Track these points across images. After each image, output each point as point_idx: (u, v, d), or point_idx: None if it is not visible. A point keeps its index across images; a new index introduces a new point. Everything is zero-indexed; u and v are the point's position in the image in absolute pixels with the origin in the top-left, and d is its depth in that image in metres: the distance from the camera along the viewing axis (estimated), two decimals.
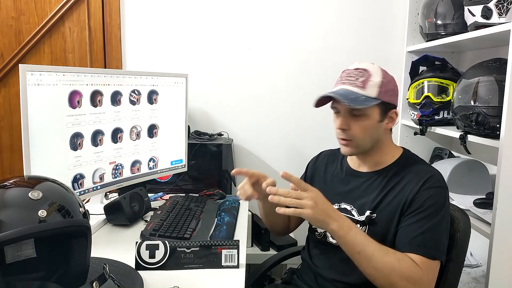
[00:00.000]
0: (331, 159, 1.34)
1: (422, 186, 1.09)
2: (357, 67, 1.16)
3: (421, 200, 1.08)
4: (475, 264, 1.77)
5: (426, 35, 1.87)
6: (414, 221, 1.07)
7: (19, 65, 1.17)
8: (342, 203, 1.21)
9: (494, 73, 1.38)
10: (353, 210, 1.18)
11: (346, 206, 1.20)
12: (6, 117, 2.22)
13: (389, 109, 1.16)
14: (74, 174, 1.37)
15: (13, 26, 2.16)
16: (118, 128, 1.53)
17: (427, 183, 1.10)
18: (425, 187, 1.09)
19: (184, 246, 1.13)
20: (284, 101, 2.23)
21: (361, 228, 1.13)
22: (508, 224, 1.29)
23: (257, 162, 2.21)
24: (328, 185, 1.28)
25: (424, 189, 1.09)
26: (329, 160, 1.35)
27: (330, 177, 1.30)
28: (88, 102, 1.40)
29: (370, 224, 1.13)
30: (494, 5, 1.36)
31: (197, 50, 2.20)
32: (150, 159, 1.70)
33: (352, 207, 1.19)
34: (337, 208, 1.17)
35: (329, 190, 1.23)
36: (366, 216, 1.14)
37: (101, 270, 0.89)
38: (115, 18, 2.18)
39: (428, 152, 2.11)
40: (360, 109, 1.10)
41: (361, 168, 1.23)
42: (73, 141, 1.35)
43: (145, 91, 1.62)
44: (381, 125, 1.15)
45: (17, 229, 0.78)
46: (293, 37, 2.19)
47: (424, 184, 1.09)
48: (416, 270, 1.01)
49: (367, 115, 1.12)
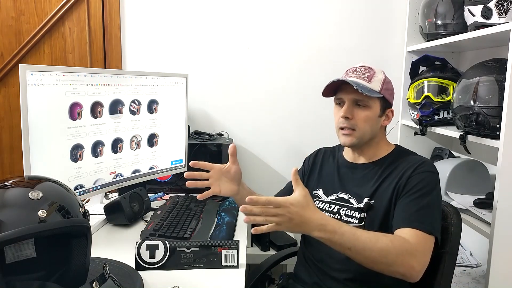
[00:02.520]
0: (328, 156, 1.40)
1: (415, 170, 1.17)
2: (362, 65, 1.26)
3: (414, 182, 1.15)
4: (475, 264, 1.77)
5: (426, 35, 1.87)
6: (408, 201, 1.13)
7: (19, 65, 1.17)
8: (340, 193, 1.27)
9: (494, 73, 1.38)
10: (351, 199, 1.24)
11: (343, 195, 1.26)
12: (6, 117, 2.22)
13: (387, 107, 1.26)
14: (74, 185, 1.38)
15: (13, 26, 2.16)
16: (118, 138, 1.54)
17: (419, 168, 1.17)
18: (417, 171, 1.17)
19: (184, 246, 1.13)
20: (284, 101, 2.23)
21: (361, 214, 1.19)
22: (508, 224, 1.29)
23: (257, 162, 2.20)
24: (324, 178, 1.34)
25: (416, 173, 1.16)
26: (325, 156, 1.40)
27: (327, 171, 1.35)
28: (88, 113, 1.40)
29: (369, 210, 1.19)
30: (494, 5, 1.36)
31: (197, 50, 2.20)
32: (150, 168, 1.70)
33: (350, 196, 1.24)
34: (335, 198, 1.26)
35: (326, 182, 1.31)
36: (365, 203, 1.19)
37: (101, 270, 0.89)
38: (115, 18, 2.18)
39: (428, 152, 2.11)
40: (368, 96, 1.18)
41: (357, 160, 1.30)
42: (73, 153, 1.36)
43: (145, 101, 1.63)
44: (379, 120, 1.25)
45: (17, 229, 0.78)
46: (293, 37, 2.19)
47: (416, 169, 1.17)
48: (409, 243, 1.04)
49: (370, 107, 1.21)
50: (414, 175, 1.16)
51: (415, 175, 1.16)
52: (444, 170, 1.67)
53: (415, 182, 1.15)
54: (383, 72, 1.26)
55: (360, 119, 1.21)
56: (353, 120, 1.21)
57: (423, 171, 1.17)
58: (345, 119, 1.21)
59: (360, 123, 1.21)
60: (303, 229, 1.01)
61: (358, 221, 1.19)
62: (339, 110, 1.23)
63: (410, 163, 1.20)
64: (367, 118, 1.21)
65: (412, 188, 1.14)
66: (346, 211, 1.22)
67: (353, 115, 1.21)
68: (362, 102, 1.21)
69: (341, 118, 1.22)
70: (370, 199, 1.20)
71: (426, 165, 1.19)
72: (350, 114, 1.21)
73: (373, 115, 1.22)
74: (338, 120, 1.24)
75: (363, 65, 1.26)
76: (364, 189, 1.22)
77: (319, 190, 1.32)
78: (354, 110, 1.21)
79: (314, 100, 2.18)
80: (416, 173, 1.16)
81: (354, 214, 1.21)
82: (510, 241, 1.30)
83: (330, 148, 1.43)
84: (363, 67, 1.25)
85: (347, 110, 1.21)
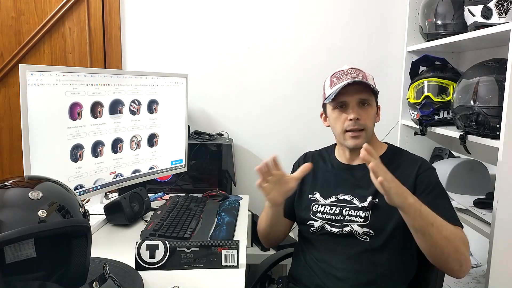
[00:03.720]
0: (317, 159, 1.38)
1: (419, 169, 1.21)
2: (350, 67, 1.27)
3: (425, 180, 1.19)
4: (475, 264, 1.77)
5: (426, 35, 1.87)
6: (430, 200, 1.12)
7: (19, 65, 1.17)
8: (340, 195, 1.26)
9: (494, 73, 1.38)
10: (354, 199, 1.23)
11: (345, 196, 1.25)
12: (6, 117, 2.22)
13: (377, 104, 1.29)
14: (74, 185, 1.38)
15: (13, 26, 2.16)
16: (118, 138, 1.54)
17: (422, 166, 1.22)
18: (422, 169, 1.21)
19: (184, 246, 1.13)
20: (284, 101, 2.22)
21: (365, 213, 1.19)
22: (508, 224, 1.29)
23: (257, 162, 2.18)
24: (321, 182, 1.32)
25: (422, 171, 1.20)
26: (315, 160, 1.38)
27: (322, 175, 1.33)
28: (88, 113, 1.40)
29: (373, 209, 1.19)
30: (494, 5, 1.36)
31: (197, 50, 2.20)
32: (150, 168, 1.70)
33: (352, 197, 1.24)
34: (335, 200, 1.26)
35: (323, 186, 1.30)
36: (369, 202, 1.20)
37: (101, 270, 0.89)
38: (115, 18, 2.17)
39: (428, 152, 2.11)
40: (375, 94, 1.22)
41: (354, 161, 1.29)
42: (73, 153, 1.36)
43: (145, 101, 1.63)
44: (375, 117, 1.28)
45: (17, 229, 0.78)
46: (293, 37, 2.19)
47: (420, 168, 1.21)
48: (460, 234, 1.10)
49: (372, 105, 1.25)
50: (421, 174, 1.20)
51: (422, 174, 1.20)
52: (444, 170, 1.67)
53: (426, 180, 1.19)
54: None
55: (367, 118, 1.23)
56: (361, 120, 1.21)
57: (427, 169, 1.22)
58: (355, 121, 1.21)
59: (367, 122, 1.23)
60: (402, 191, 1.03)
61: (363, 220, 1.19)
62: (341, 114, 1.24)
63: (409, 163, 1.24)
64: (371, 116, 1.24)
65: (427, 187, 1.18)
66: (349, 211, 1.22)
67: (360, 115, 1.22)
68: (367, 101, 1.23)
69: (348, 121, 1.22)
70: (374, 198, 1.20)
71: (426, 163, 1.25)
72: (359, 115, 1.21)
73: (374, 113, 1.26)
74: (343, 123, 1.23)
75: (352, 67, 1.27)
76: (367, 189, 1.22)
77: (316, 193, 1.30)
78: (359, 110, 1.22)
79: (314, 100, 2.18)
80: (421, 171, 1.20)
81: (358, 213, 1.20)
82: (510, 241, 1.30)
83: (316, 152, 1.42)
84: (352, 68, 1.26)
85: (356, 112, 1.21)
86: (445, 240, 1.05)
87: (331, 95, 1.22)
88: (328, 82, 1.29)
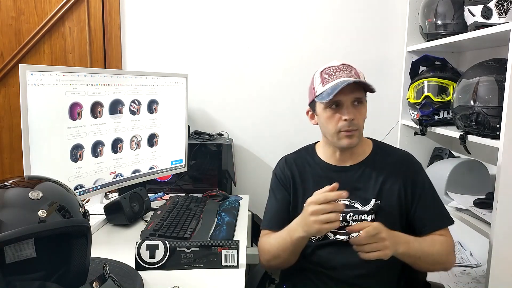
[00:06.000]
0: (302, 164, 1.30)
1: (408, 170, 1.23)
2: (342, 63, 1.21)
3: (420, 183, 1.22)
4: (475, 264, 1.77)
5: (426, 35, 1.87)
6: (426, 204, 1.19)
7: (19, 65, 1.17)
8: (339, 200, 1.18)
9: (494, 73, 1.38)
10: (354, 203, 1.20)
11: (344, 201, 1.15)
12: (6, 117, 2.22)
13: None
14: (74, 185, 1.37)
15: (13, 26, 2.16)
16: (118, 138, 1.54)
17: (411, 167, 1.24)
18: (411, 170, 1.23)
19: (184, 246, 1.13)
20: (284, 101, 2.22)
21: (369, 216, 1.17)
22: (508, 224, 1.29)
23: (257, 162, 2.20)
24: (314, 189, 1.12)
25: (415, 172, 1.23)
26: (299, 164, 1.30)
27: (312, 179, 1.25)
28: (88, 113, 1.40)
29: (378, 211, 1.18)
30: (494, 5, 1.36)
31: (197, 50, 2.20)
32: (150, 168, 1.70)
33: (352, 201, 1.19)
34: None
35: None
36: (374, 204, 1.18)
37: (101, 270, 0.89)
38: (115, 18, 2.17)
39: (428, 152, 2.11)
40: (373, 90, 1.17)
41: (345, 162, 1.26)
42: (73, 153, 1.36)
43: (145, 101, 1.63)
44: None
45: (17, 229, 0.78)
46: (293, 37, 2.19)
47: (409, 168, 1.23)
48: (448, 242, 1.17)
49: (364, 103, 1.21)
50: (415, 176, 1.22)
51: (416, 175, 1.23)
52: (444, 170, 1.67)
53: (421, 182, 1.22)
54: None
55: (360, 118, 1.18)
56: (355, 120, 1.16)
57: (419, 169, 1.25)
58: (349, 122, 1.15)
59: (360, 122, 1.19)
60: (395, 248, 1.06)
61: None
62: (334, 114, 1.17)
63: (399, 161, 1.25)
64: (364, 115, 1.21)
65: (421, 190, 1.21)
66: (353, 217, 1.18)
67: (355, 115, 1.16)
68: (361, 100, 1.18)
69: (342, 122, 1.16)
70: (377, 200, 1.18)
71: (413, 160, 1.27)
72: (354, 115, 1.16)
73: (366, 111, 1.22)
74: (337, 124, 1.17)
75: (343, 63, 1.20)
76: (366, 190, 1.19)
77: None
78: (353, 110, 1.17)
79: None
80: (415, 172, 1.23)
81: (363, 217, 1.17)
82: (510, 241, 1.30)
83: (295, 155, 1.34)
84: (343, 65, 1.20)
85: (351, 112, 1.16)
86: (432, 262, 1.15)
87: (326, 95, 1.13)
88: (318, 79, 1.20)
